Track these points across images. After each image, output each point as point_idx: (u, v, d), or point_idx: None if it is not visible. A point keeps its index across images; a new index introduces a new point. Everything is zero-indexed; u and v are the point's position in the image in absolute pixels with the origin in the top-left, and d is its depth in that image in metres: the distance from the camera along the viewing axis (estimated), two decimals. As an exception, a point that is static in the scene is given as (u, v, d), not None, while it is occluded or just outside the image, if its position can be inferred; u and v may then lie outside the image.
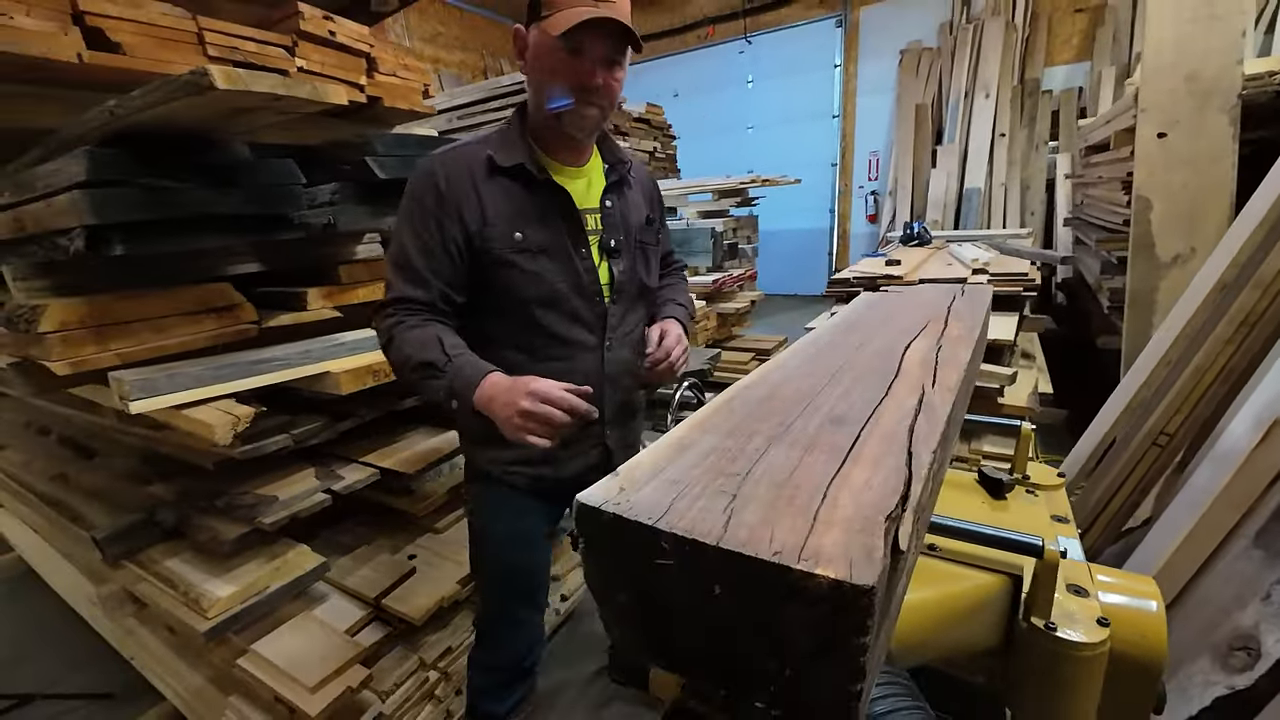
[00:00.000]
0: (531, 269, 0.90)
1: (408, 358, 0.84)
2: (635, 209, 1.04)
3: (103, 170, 0.91)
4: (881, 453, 0.44)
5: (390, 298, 0.89)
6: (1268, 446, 0.98)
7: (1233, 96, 2.06)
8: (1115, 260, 2.67)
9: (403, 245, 0.89)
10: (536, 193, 0.91)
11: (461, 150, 0.92)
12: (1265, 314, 1.19)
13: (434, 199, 0.87)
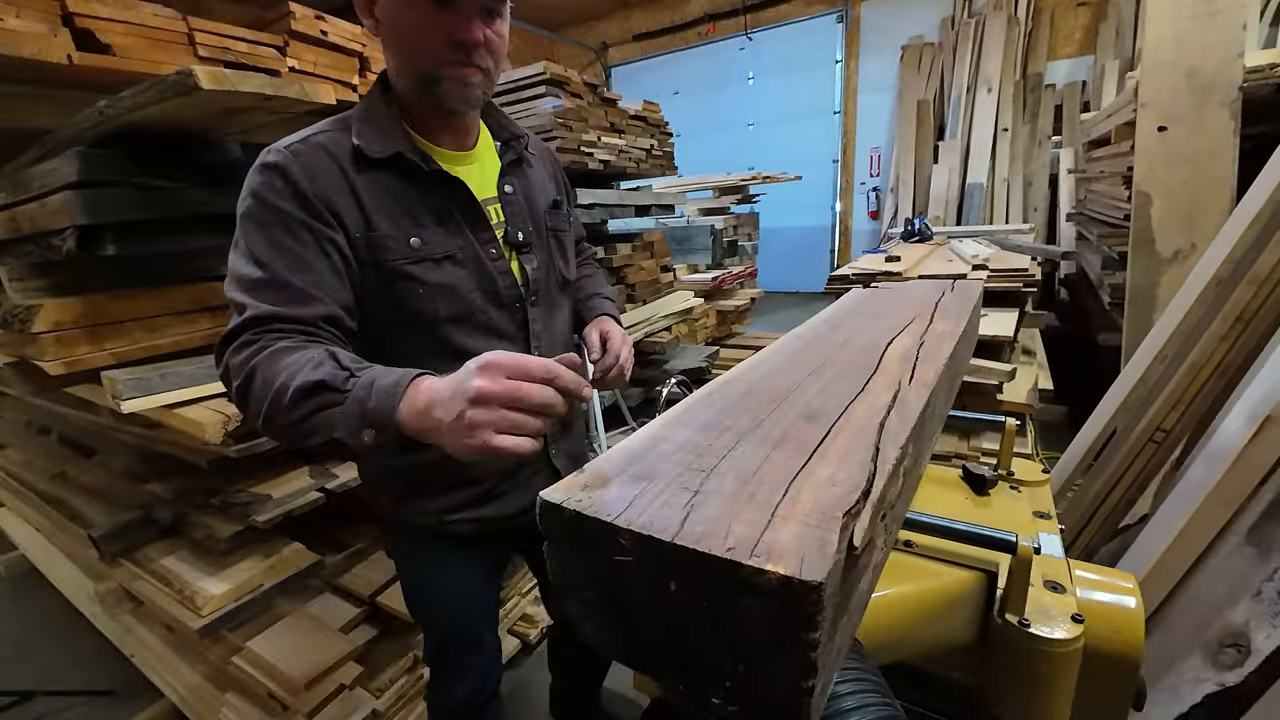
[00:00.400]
0: (435, 280, 0.74)
1: (282, 387, 0.57)
2: (540, 191, 0.89)
3: (95, 170, 0.92)
4: (849, 448, 0.44)
5: (243, 320, 0.63)
6: (1260, 443, 0.97)
7: (1233, 91, 2.04)
8: (1116, 256, 2.65)
9: (260, 264, 0.65)
10: (425, 187, 0.75)
11: (316, 140, 0.71)
12: (1260, 310, 1.18)
13: (296, 202, 0.67)
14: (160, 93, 0.82)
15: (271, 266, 0.65)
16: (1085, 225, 3.58)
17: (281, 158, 0.68)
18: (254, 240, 0.66)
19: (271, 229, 0.67)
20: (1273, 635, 0.78)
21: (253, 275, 0.65)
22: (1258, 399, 1.02)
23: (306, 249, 0.67)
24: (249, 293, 0.64)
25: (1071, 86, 4.92)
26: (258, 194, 0.67)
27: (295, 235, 0.67)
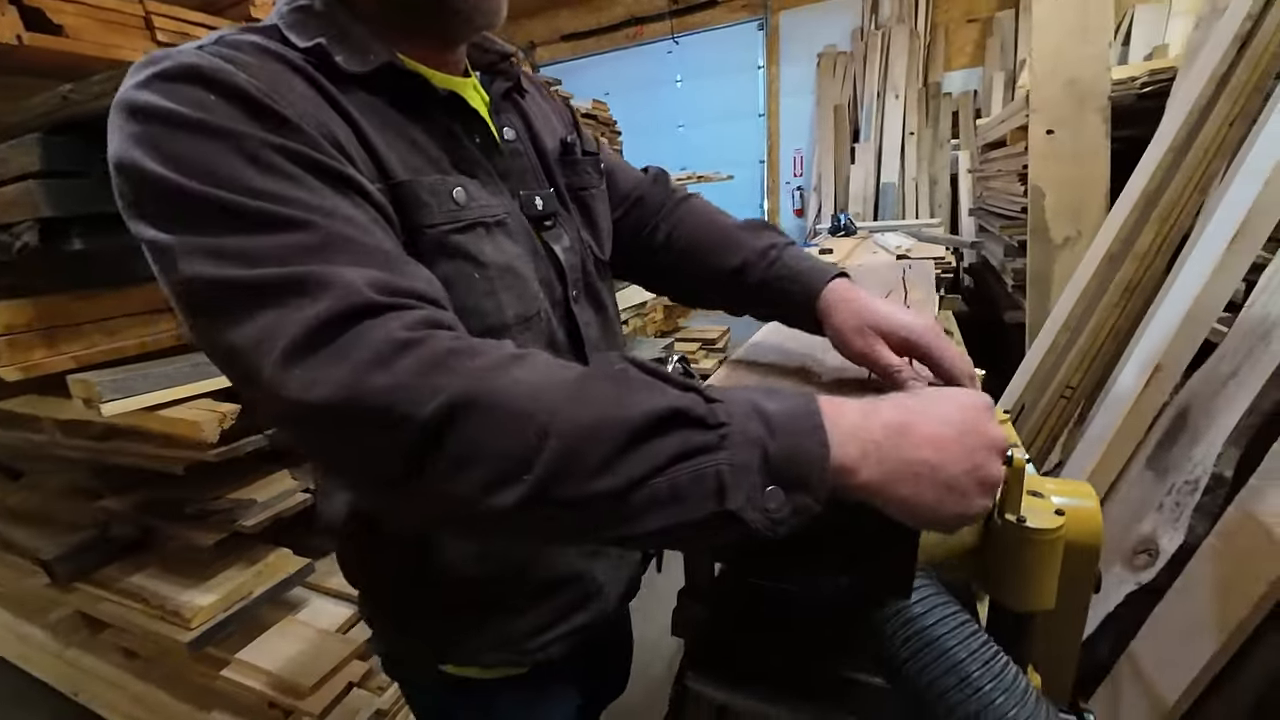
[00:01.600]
0: (494, 259, 0.48)
1: (594, 424, 0.31)
2: (547, 131, 0.60)
3: (58, 159, 0.86)
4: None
5: (354, 303, 0.32)
6: (1151, 389, 1.17)
7: (1104, 99, 2.38)
8: (1016, 244, 3.00)
9: (262, 195, 0.35)
10: (432, 120, 0.48)
11: (247, 39, 0.42)
12: (1142, 282, 1.42)
13: (262, 120, 0.37)
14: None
15: (305, 205, 0.35)
16: (985, 218, 4.01)
17: (202, 60, 0.37)
18: (213, 169, 0.34)
19: (231, 160, 0.35)
20: (1174, 538, 0.97)
21: (271, 211, 0.34)
22: (1146, 353, 1.23)
23: (320, 195, 0.37)
24: (287, 251, 0.33)
25: (965, 95, 5.45)
26: (174, 114, 0.35)
27: (283, 173, 0.36)
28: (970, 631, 0.50)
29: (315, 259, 0.33)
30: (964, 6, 5.41)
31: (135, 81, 0.37)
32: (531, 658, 0.56)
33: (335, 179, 0.38)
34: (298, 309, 0.32)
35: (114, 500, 1.21)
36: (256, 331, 0.32)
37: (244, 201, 0.34)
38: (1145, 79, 2.15)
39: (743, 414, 0.32)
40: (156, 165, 0.34)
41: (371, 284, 0.33)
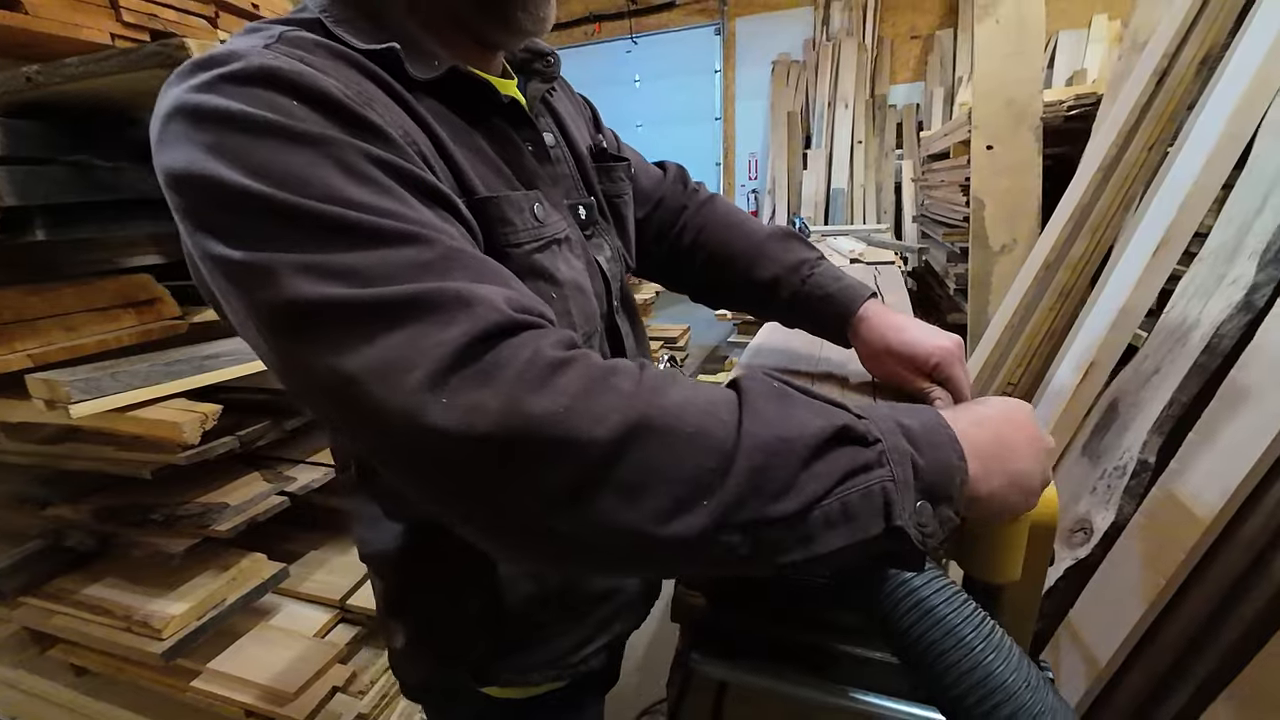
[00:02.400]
0: (567, 278, 0.47)
1: (774, 443, 0.30)
2: (579, 135, 0.59)
3: (20, 145, 0.81)
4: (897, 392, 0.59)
5: (501, 320, 0.31)
6: (1085, 384, 1.30)
7: (1036, 119, 2.58)
8: (958, 250, 3.21)
9: (364, 207, 0.32)
10: (494, 129, 0.47)
11: (318, 44, 0.38)
12: (1075, 287, 1.56)
13: (351, 126, 0.34)
14: (133, 62, 0.75)
15: (409, 219, 0.33)
16: (928, 225, 4.26)
17: (280, 62, 0.34)
18: (307, 179, 0.31)
19: (325, 170, 0.32)
20: (1107, 516, 1.08)
21: (377, 224, 0.31)
22: (1080, 352, 1.36)
23: (419, 210, 0.34)
24: (405, 263, 0.31)
25: (909, 107, 5.74)
26: (255, 119, 0.32)
27: (380, 185, 0.33)
28: (962, 600, 0.56)
29: (436, 275, 0.31)
30: (908, 23, 5.70)
31: (195, 84, 0.33)
32: (575, 670, 0.55)
33: (429, 193, 0.36)
34: (435, 329, 0.29)
35: (67, 508, 1.14)
36: (382, 356, 0.29)
37: (346, 214, 0.31)
38: (1072, 102, 2.36)
39: (890, 430, 0.32)
40: (240, 176, 0.31)
41: (507, 301, 0.31)
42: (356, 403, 0.29)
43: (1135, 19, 1.69)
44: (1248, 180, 1.05)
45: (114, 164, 0.92)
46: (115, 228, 1.02)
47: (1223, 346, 0.98)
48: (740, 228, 0.67)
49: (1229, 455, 0.89)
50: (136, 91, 0.89)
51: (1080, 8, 4.93)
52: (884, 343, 0.56)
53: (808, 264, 0.62)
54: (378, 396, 0.29)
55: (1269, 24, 1.09)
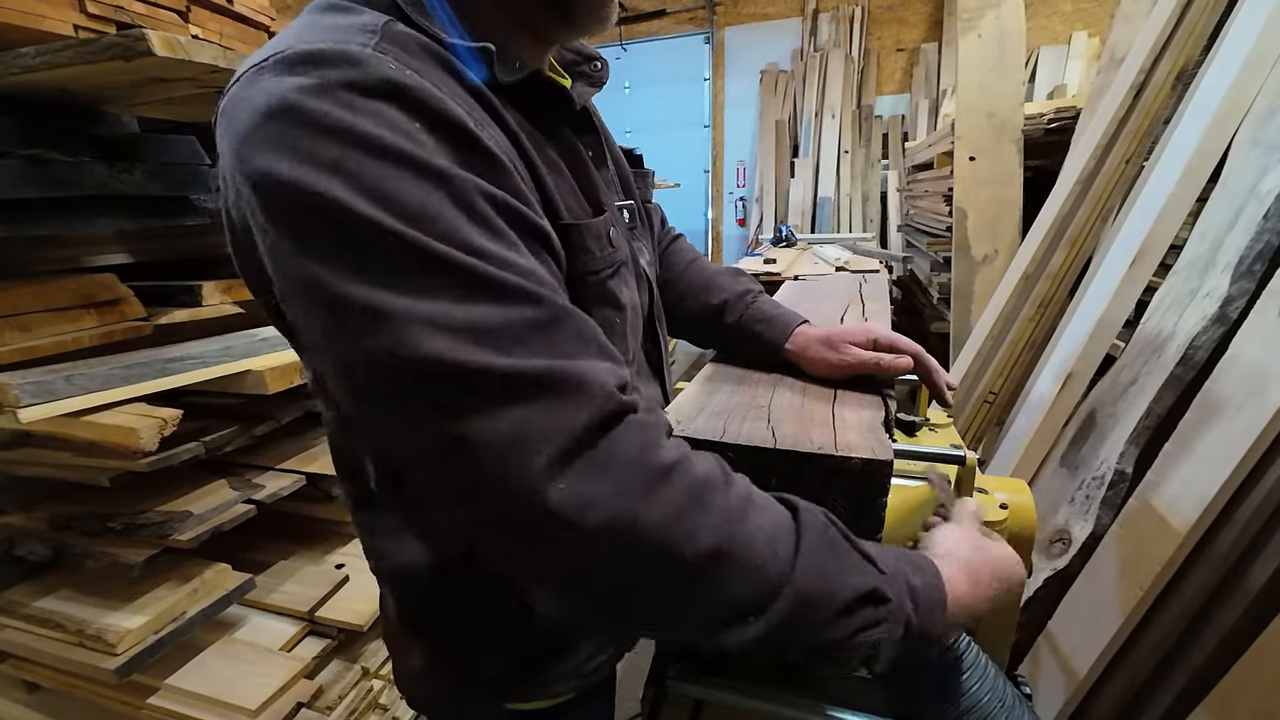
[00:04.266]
0: (628, 302, 0.47)
1: (818, 593, 0.35)
2: (613, 146, 0.60)
3: (-27, 138, 0.78)
4: (857, 395, 0.58)
5: (611, 405, 0.33)
6: (1065, 394, 1.31)
7: (1017, 131, 2.62)
8: (941, 260, 3.24)
9: (498, 262, 0.32)
10: (564, 139, 0.46)
11: (419, 44, 0.36)
12: (1055, 298, 1.58)
13: (472, 159, 0.34)
14: (91, 54, 0.72)
15: (522, 270, 0.33)
16: (913, 235, 4.30)
17: (401, 76, 0.32)
18: (434, 218, 0.30)
19: (449, 209, 0.31)
20: (1086, 527, 1.08)
21: (499, 278, 0.31)
22: (1060, 362, 1.37)
23: (527, 257, 0.34)
24: (529, 337, 0.31)
25: (895, 118, 5.82)
26: (377, 141, 0.30)
27: (495, 228, 0.33)
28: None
29: (551, 344, 0.32)
30: (894, 36, 5.78)
31: (308, 84, 0.30)
32: (588, 680, 0.56)
33: (533, 233, 0.35)
34: (559, 411, 0.30)
35: (20, 516, 1.09)
36: (513, 431, 0.30)
37: (475, 265, 0.30)
38: (1052, 116, 2.39)
39: (900, 592, 0.37)
40: (369, 206, 0.29)
41: (617, 382, 0.33)
42: (473, 469, 0.30)
43: (1113, 36, 1.72)
44: (1220, 195, 1.07)
45: (76, 159, 0.88)
46: (79, 224, 0.99)
47: (1197, 358, 0.98)
48: (696, 263, 0.73)
49: (1204, 466, 0.89)
50: (97, 85, 0.85)
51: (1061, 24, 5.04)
52: (823, 341, 0.61)
53: (752, 294, 0.67)
54: (501, 469, 0.30)
55: (1239, 44, 1.11)
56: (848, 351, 0.60)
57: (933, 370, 0.62)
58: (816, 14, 5.97)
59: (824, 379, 0.62)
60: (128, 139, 0.99)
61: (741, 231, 6.75)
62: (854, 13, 5.77)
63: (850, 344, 0.60)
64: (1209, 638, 0.87)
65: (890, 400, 0.57)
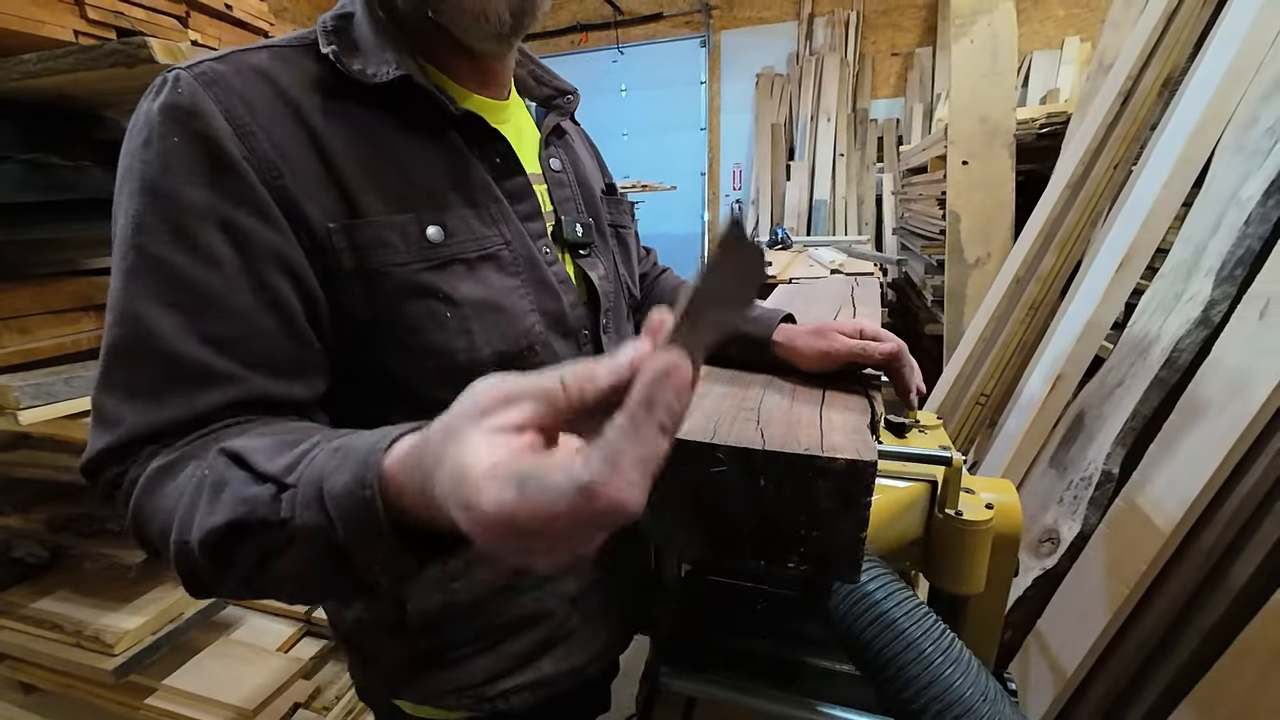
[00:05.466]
0: (471, 295, 0.47)
1: (180, 546, 0.34)
2: (590, 171, 0.65)
3: (-26, 143, 0.78)
4: (845, 397, 0.59)
5: (100, 450, 0.39)
6: (1054, 396, 1.33)
7: (1009, 136, 2.65)
8: (935, 263, 3.26)
9: (128, 313, 0.39)
10: (443, 141, 0.48)
11: (248, 60, 0.44)
12: (1045, 300, 1.60)
13: (209, 173, 0.40)
14: (92, 60, 0.73)
15: (149, 318, 0.38)
16: (907, 237, 4.33)
17: (186, 88, 0.40)
18: (127, 258, 0.39)
19: (155, 233, 0.38)
20: (1074, 527, 1.10)
21: (116, 341, 0.39)
22: (1049, 364, 1.39)
23: (221, 269, 0.39)
24: (119, 376, 0.39)
25: (889, 122, 5.86)
26: (139, 163, 0.39)
27: (199, 244, 0.39)
28: (922, 613, 0.56)
29: (110, 389, 0.41)
30: (888, 41, 5.82)
31: (145, 101, 0.42)
32: (492, 705, 0.54)
33: (247, 243, 0.41)
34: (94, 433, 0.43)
35: (18, 517, 1.10)
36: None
37: (138, 304, 0.39)
38: (1043, 121, 2.42)
39: (306, 502, 0.30)
40: (115, 210, 0.42)
41: (133, 428, 0.40)
42: None
43: (1102, 41, 1.75)
44: (1204, 200, 1.09)
45: (75, 163, 0.89)
46: (79, 227, 0.99)
47: (1182, 361, 1.00)
48: (680, 281, 0.80)
49: (1187, 466, 0.91)
50: (98, 90, 0.86)
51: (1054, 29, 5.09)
52: (808, 332, 0.63)
53: None
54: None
55: (1224, 51, 1.13)
56: (835, 339, 0.62)
57: (905, 367, 0.62)
58: (812, 18, 6.00)
59: (812, 376, 0.64)
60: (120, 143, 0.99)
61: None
62: (849, 17, 5.81)
63: (838, 333, 0.62)
64: (1192, 635, 0.89)
65: (877, 403, 0.58)
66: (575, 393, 0.23)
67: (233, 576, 0.33)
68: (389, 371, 0.47)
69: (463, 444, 0.23)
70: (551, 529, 0.21)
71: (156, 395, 0.39)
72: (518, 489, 0.21)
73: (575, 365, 0.24)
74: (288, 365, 0.43)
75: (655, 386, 0.21)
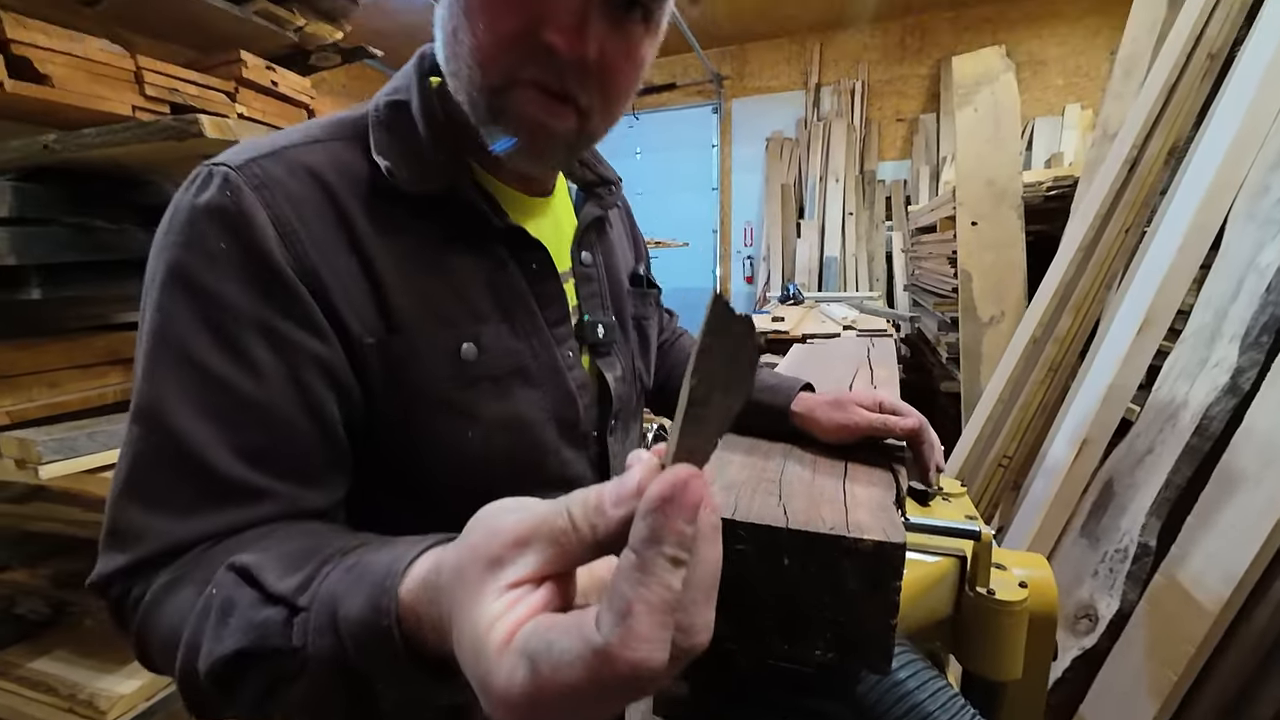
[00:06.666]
0: (497, 414, 0.48)
1: (186, 672, 0.33)
2: (622, 260, 0.64)
3: (29, 207, 0.83)
4: (868, 471, 0.58)
5: (130, 562, 0.37)
6: (1081, 460, 1.29)
7: (1017, 198, 2.70)
8: (949, 320, 3.26)
9: (156, 418, 0.38)
10: (485, 251, 0.48)
11: (298, 156, 0.43)
12: (1064, 361, 1.58)
13: (250, 280, 0.39)
14: (147, 135, 0.78)
15: (183, 427, 0.37)
16: (919, 294, 4.36)
17: (231, 192, 0.39)
18: (159, 360, 0.38)
19: (196, 337, 0.38)
20: (1111, 603, 1.04)
21: (144, 449, 0.37)
22: (1073, 428, 1.36)
23: (263, 377, 0.39)
24: (130, 497, 0.37)
25: (896, 183, 6.01)
26: (180, 262, 0.39)
27: (239, 348, 0.38)
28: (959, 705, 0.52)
29: (129, 498, 0.39)
30: (893, 107, 6.06)
31: (186, 194, 0.42)
32: None
33: (286, 350, 0.40)
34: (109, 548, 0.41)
35: (25, 572, 1.09)
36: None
37: (152, 403, 0.38)
38: (1050, 184, 2.47)
39: (320, 628, 0.29)
40: (146, 308, 0.40)
41: (159, 542, 0.39)
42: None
43: (1104, 111, 1.80)
44: (1221, 266, 1.09)
45: (118, 225, 0.94)
46: (113, 286, 1.03)
47: (1213, 429, 0.97)
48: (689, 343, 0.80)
49: (1228, 540, 0.87)
50: (148, 160, 0.92)
51: (1054, 97, 5.27)
52: (829, 402, 0.62)
53: None
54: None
55: (1228, 122, 1.16)
56: (855, 412, 0.61)
57: (926, 444, 0.61)
58: (819, 87, 6.29)
59: (833, 446, 0.63)
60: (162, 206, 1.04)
61: (749, 289, 6.87)
62: (854, 86, 6.07)
63: (858, 405, 0.61)
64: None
65: (901, 477, 0.57)
66: (587, 532, 0.22)
67: (240, 702, 0.32)
68: (401, 465, 0.47)
69: (476, 602, 0.22)
70: (573, 703, 0.19)
71: (184, 511, 0.37)
72: (531, 668, 0.20)
73: (584, 496, 0.23)
74: (319, 473, 0.42)
75: (660, 516, 0.20)
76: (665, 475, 0.20)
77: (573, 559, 0.23)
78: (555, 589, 0.23)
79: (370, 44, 1.55)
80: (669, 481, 0.20)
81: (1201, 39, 1.34)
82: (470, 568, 0.23)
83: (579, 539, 0.22)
